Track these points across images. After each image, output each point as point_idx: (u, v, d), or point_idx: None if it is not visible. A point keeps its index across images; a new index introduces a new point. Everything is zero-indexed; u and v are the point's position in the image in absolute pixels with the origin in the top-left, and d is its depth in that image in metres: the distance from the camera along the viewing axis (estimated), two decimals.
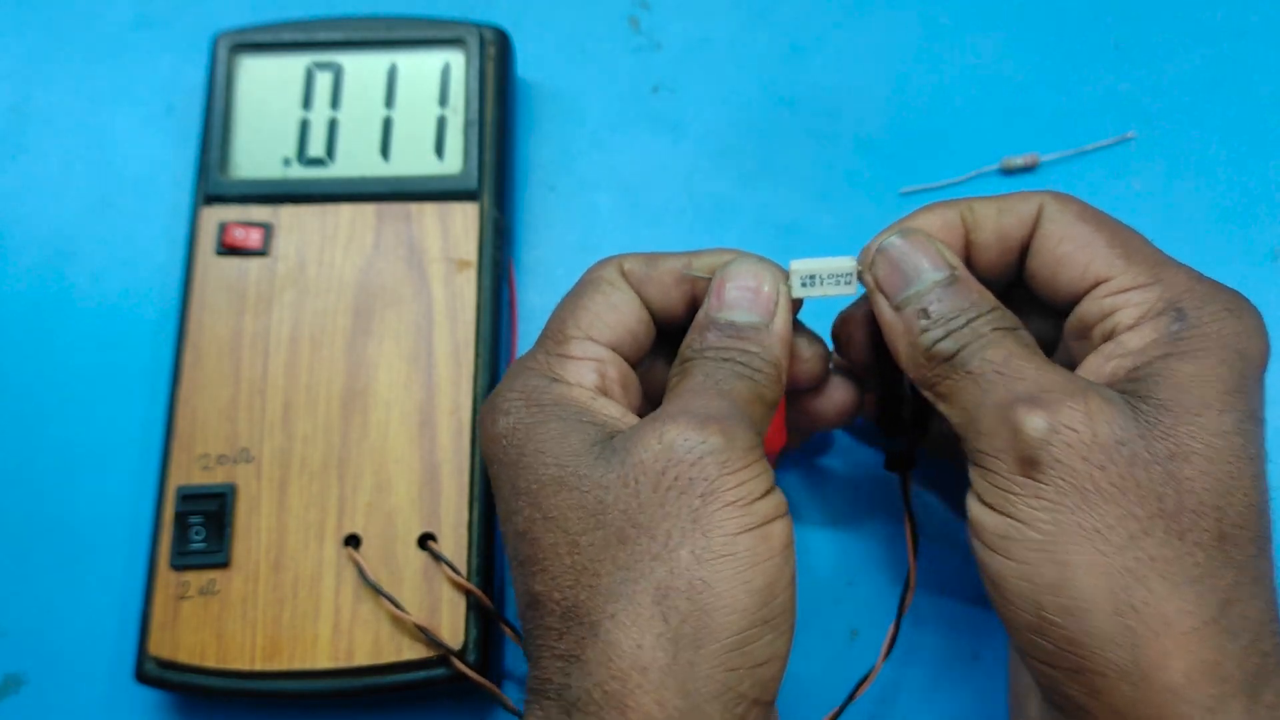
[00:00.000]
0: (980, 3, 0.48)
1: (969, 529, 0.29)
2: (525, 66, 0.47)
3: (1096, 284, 0.30)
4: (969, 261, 0.33)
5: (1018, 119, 0.46)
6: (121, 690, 0.38)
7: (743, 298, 0.31)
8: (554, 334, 0.32)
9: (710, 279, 0.32)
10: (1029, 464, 0.27)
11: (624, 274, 0.33)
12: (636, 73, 0.48)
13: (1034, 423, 0.27)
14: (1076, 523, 0.26)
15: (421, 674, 0.36)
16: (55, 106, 0.48)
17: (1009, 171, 0.45)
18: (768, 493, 0.28)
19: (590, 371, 0.31)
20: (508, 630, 0.37)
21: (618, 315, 0.32)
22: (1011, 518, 0.27)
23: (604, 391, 0.31)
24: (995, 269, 0.33)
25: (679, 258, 0.33)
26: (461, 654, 0.36)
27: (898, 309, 0.31)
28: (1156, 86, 0.46)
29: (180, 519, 0.37)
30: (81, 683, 0.39)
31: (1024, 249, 0.32)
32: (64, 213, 0.46)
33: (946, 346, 0.29)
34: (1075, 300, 0.31)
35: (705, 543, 0.27)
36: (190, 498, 0.38)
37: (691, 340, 0.31)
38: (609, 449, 0.29)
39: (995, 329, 0.29)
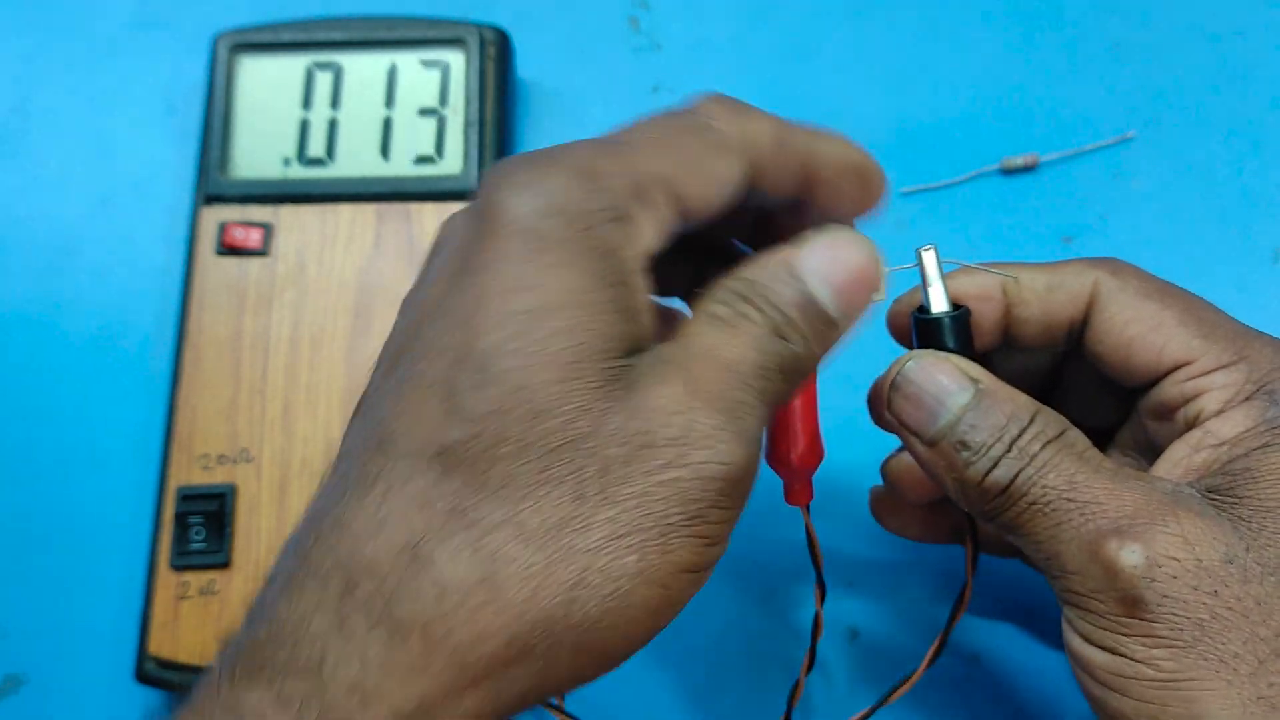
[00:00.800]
0: (980, 3, 0.48)
1: (1073, 663, 0.27)
2: (525, 66, 0.47)
3: (1175, 367, 0.28)
4: (1010, 335, 0.31)
5: (1018, 119, 0.46)
6: (121, 690, 0.38)
7: (846, 286, 0.25)
8: (639, 158, 0.24)
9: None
10: (1133, 603, 0.25)
11: (745, 141, 0.25)
12: (636, 73, 0.48)
13: (1129, 559, 0.25)
14: (1199, 656, 0.24)
15: None
16: (55, 106, 0.48)
17: (1009, 171, 0.45)
18: (720, 541, 0.24)
19: (654, 236, 0.24)
20: None
21: (715, 187, 0.25)
22: (1126, 658, 0.25)
23: (651, 272, 0.25)
24: (1039, 342, 0.31)
25: (806, 134, 0.26)
26: None
27: (931, 444, 0.28)
28: (1156, 86, 0.46)
29: (180, 519, 0.37)
30: (81, 683, 0.39)
31: (1073, 326, 0.30)
32: (64, 213, 0.46)
33: (999, 477, 0.26)
34: (1150, 382, 0.29)
35: (639, 564, 0.22)
36: (190, 498, 0.38)
37: (766, 281, 0.25)
38: (627, 377, 0.23)
39: (1045, 444, 0.26)
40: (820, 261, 0.25)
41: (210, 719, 0.21)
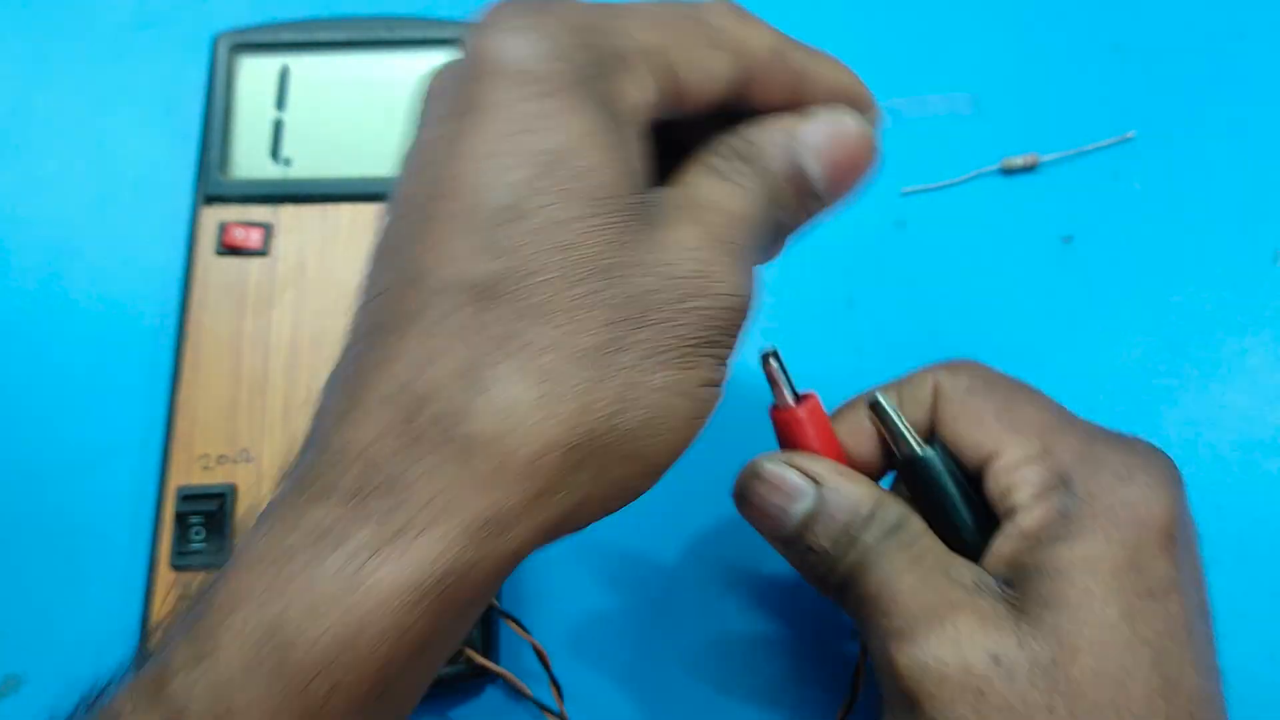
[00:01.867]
0: (980, 3, 0.48)
1: None
2: None
3: (991, 460, 0.29)
4: (893, 454, 0.31)
5: (1018, 119, 0.46)
6: None
7: (837, 166, 0.26)
8: (634, 26, 0.25)
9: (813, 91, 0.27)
10: (910, 704, 0.26)
11: (742, 44, 0.26)
12: None
13: (902, 661, 0.26)
14: None
15: None
16: (55, 106, 0.48)
17: (1009, 171, 0.45)
18: (728, 362, 0.25)
19: (644, 102, 0.24)
20: (511, 624, 0.37)
21: (705, 79, 0.25)
22: None
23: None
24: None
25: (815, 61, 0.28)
26: (470, 648, 0.36)
27: (785, 544, 0.30)
28: (1156, 86, 0.46)
29: (180, 519, 0.37)
30: (81, 683, 0.39)
31: (933, 431, 0.31)
32: (64, 213, 0.46)
33: (838, 577, 0.28)
34: (979, 475, 0.30)
35: (664, 379, 0.23)
36: (190, 498, 0.38)
37: (765, 145, 0.26)
38: (645, 215, 0.24)
39: (878, 538, 0.28)
40: (818, 137, 0.26)
41: (294, 533, 0.22)
